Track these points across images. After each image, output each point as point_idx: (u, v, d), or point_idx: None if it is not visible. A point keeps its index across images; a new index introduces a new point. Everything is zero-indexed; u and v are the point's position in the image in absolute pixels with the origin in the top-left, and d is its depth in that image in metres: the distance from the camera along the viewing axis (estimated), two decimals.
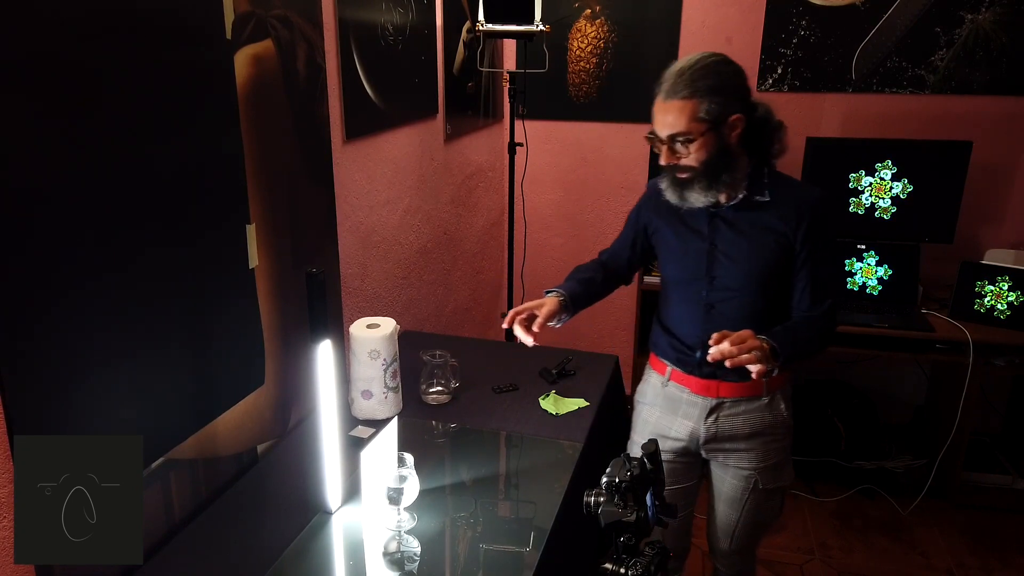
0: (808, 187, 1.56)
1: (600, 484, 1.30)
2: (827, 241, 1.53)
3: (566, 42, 3.27)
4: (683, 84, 1.42)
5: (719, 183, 1.48)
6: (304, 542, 1.39)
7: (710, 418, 1.63)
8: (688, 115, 1.42)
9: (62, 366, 1.15)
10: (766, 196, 1.51)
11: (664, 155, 1.48)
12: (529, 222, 3.39)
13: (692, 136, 1.44)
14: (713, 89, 1.41)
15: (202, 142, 1.42)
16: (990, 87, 2.91)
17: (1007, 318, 2.65)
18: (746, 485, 1.66)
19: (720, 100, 1.42)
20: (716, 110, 1.42)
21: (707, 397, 1.63)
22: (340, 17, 1.90)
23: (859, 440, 2.99)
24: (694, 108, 1.42)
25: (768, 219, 1.51)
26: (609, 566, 1.25)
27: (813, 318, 1.54)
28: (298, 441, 1.74)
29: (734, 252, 1.54)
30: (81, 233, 1.16)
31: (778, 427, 1.63)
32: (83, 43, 1.14)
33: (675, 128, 1.44)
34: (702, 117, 1.42)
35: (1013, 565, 2.57)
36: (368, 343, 1.73)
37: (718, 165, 1.46)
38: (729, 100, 1.43)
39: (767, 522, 1.73)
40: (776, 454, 1.64)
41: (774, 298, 1.56)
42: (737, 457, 1.65)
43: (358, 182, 2.09)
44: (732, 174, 1.48)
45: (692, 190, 1.49)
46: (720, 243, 1.55)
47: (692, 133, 1.43)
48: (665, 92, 1.44)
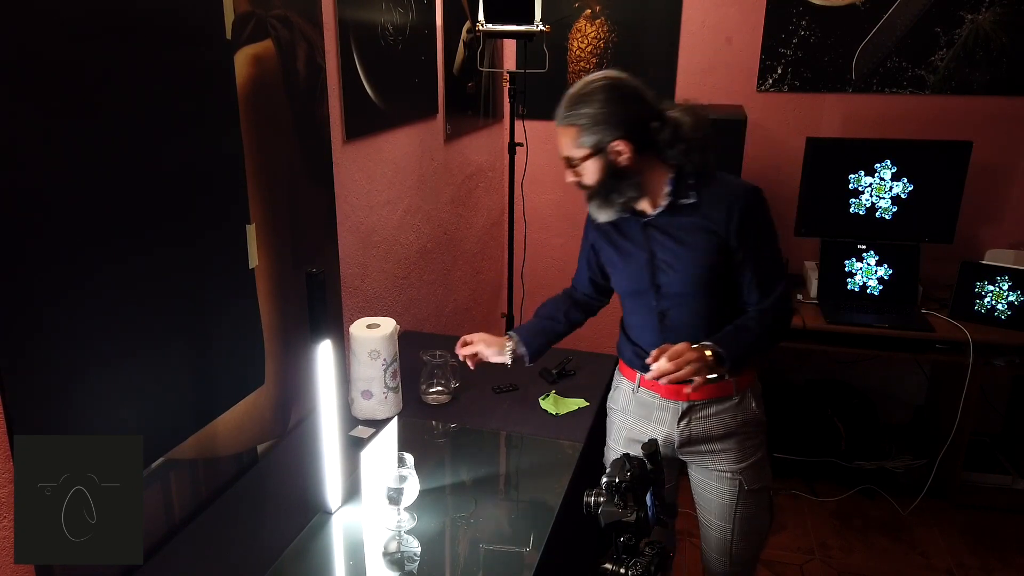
0: (737, 182, 1.55)
1: (600, 484, 1.30)
2: (762, 231, 1.52)
3: (566, 42, 3.27)
4: (564, 111, 1.47)
5: (611, 203, 1.52)
6: (304, 542, 1.39)
7: (682, 422, 1.62)
8: (569, 141, 1.49)
9: (62, 366, 1.15)
10: (691, 198, 1.51)
11: (567, 172, 1.55)
12: (529, 222, 3.38)
13: (575, 161, 1.50)
14: (591, 118, 1.44)
15: (202, 142, 1.42)
16: (990, 87, 2.91)
17: (1007, 318, 2.65)
18: (732, 488, 1.64)
19: (598, 129, 1.45)
20: (592, 140, 1.46)
21: (677, 401, 1.62)
22: (340, 17, 1.90)
23: (859, 440, 2.99)
24: (573, 135, 1.47)
25: (698, 220, 1.51)
26: (609, 566, 1.25)
27: (764, 309, 1.54)
28: (298, 441, 1.74)
29: (672, 259, 1.54)
30: (81, 233, 1.16)
31: (751, 425, 1.62)
32: (83, 43, 1.14)
33: (562, 152, 1.51)
34: (582, 143, 1.47)
35: (1013, 565, 2.57)
36: (368, 343, 1.73)
37: (609, 186, 1.50)
38: (608, 128, 1.44)
39: (760, 532, 1.70)
40: (754, 451, 1.63)
41: (724, 296, 1.56)
42: (715, 459, 1.64)
43: (358, 182, 2.09)
44: (626, 192, 1.51)
45: (592, 204, 1.55)
46: (658, 251, 1.56)
47: (575, 159, 1.50)
48: (557, 117, 1.49)
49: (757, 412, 1.62)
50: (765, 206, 1.53)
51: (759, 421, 1.64)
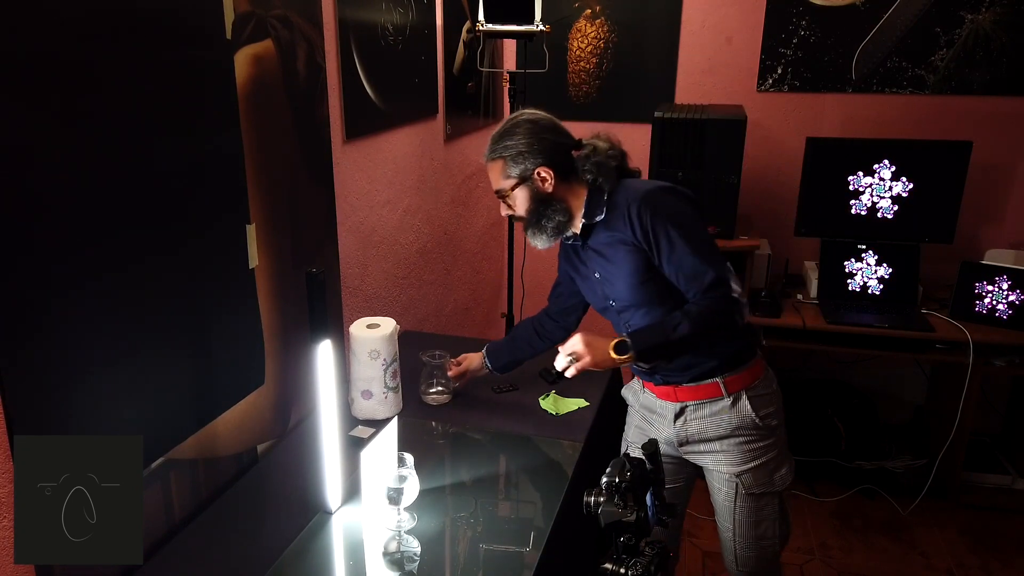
0: (636, 187, 1.57)
1: (600, 484, 1.30)
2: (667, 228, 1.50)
3: (566, 42, 3.27)
4: (490, 148, 1.60)
5: (543, 228, 1.60)
6: (304, 542, 1.39)
7: (678, 421, 1.66)
8: (497, 174, 1.60)
9: (62, 366, 1.15)
10: (601, 214, 1.58)
11: (501, 206, 1.66)
12: None
13: (505, 192, 1.61)
14: (514, 149, 1.56)
15: (202, 142, 1.42)
16: (990, 87, 2.91)
17: (1007, 318, 2.65)
18: (731, 489, 1.64)
19: (521, 158, 1.56)
20: (518, 169, 1.57)
21: (670, 402, 1.67)
22: (340, 17, 1.90)
23: (859, 440, 2.99)
24: (501, 168, 1.59)
25: (613, 234, 1.57)
26: (609, 566, 1.25)
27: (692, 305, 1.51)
28: (298, 441, 1.74)
29: (608, 274, 1.61)
30: (81, 233, 1.16)
31: (749, 428, 1.60)
32: (83, 43, 1.14)
33: (495, 185, 1.62)
34: (509, 174, 1.58)
35: (1013, 565, 2.57)
36: (368, 343, 1.73)
37: (539, 212, 1.59)
38: (531, 157, 1.56)
39: (769, 538, 1.68)
40: (756, 456, 1.62)
41: (675, 297, 1.55)
42: (715, 459, 1.65)
43: (358, 182, 2.09)
44: (554, 217, 1.59)
45: (529, 235, 1.64)
46: (598, 270, 1.64)
47: (504, 189, 1.60)
48: (485, 155, 1.62)
49: (754, 417, 1.60)
50: (667, 202, 1.53)
51: (759, 426, 1.60)
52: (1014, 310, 2.64)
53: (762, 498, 1.64)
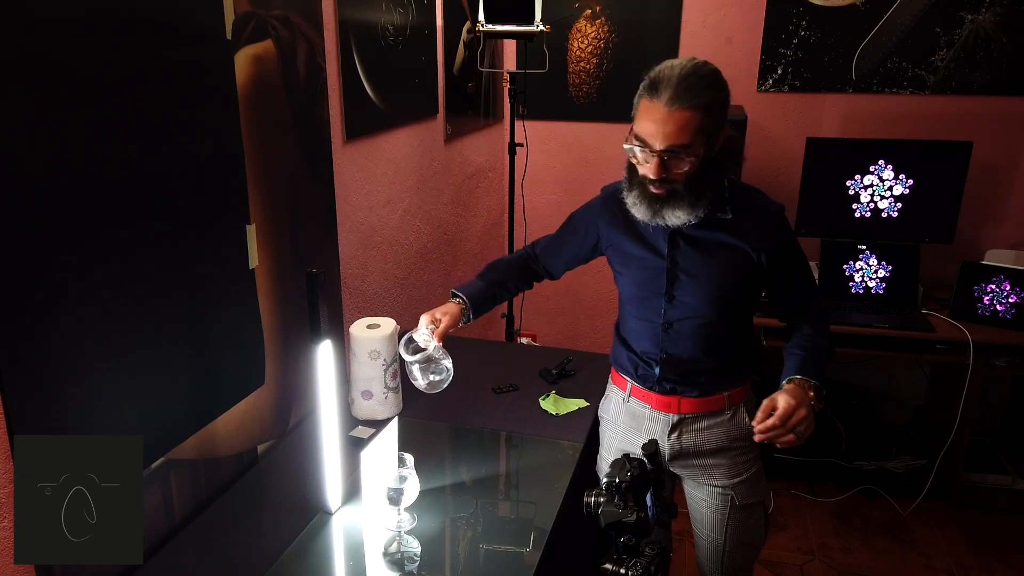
0: (767, 201, 1.51)
1: (600, 484, 1.30)
2: (796, 247, 1.54)
3: (566, 42, 3.27)
4: (693, 92, 1.30)
5: (702, 200, 1.40)
6: (304, 542, 1.39)
7: (673, 434, 1.59)
8: (695, 127, 1.31)
9: (62, 366, 1.15)
10: (728, 213, 1.46)
11: (654, 168, 1.36)
12: (529, 222, 3.38)
13: (694, 150, 1.34)
14: (720, 102, 1.35)
15: (202, 142, 1.42)
16: (990, 87, 2.91)
17: (1007, 318, 2.65)
18: (723, 504, 1.61)
19: (721, 114, 1.35)
20: (714, 124, 1.34)
21: (668, 413, 1.59)
22: (340, 17, 1.90)
23: (859, 440, 2.99)
24: (701, 120, 1.31)
25: (729, 237, 1.46)
26: (609, 566, 1.25)
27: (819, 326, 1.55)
28: (298, 441, 1.74)
29: (695, 271, 1.48)
30: (81, 233, 1.16)
31: (744, 440, 1.59)
32: (83, 43, 1.14)
33: (678, 140, 1.32)
34: (704, 129, 1.33)
35: (1013, 565, 2.57)
36: (368, 343, 1.73)
37: (702, 181, 1.38)
38: (723, 114, 1.37)
39: (754, 543, 1.67)
40: (747, 467, 1.60)
41: (731, 316, 1.53)
42: (707, 473, 1.61)
43: (358, 182, 2.09)
44: (714, 191, 1.42)
45: (671, 207, 1.41)
46: (681, 261, 1.49)
47: (694, 146, 1.33)
48: (669, 99, 1.31)
49: (750, 428, 1.54)
50: (790, 225, 1.55)
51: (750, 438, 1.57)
52: (1014, 310, 2.64)
53: (751, 508, 1.63)
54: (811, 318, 1.56)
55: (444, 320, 1.57)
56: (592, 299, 3.54)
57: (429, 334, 1.53)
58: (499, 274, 1.74)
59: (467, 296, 1.66)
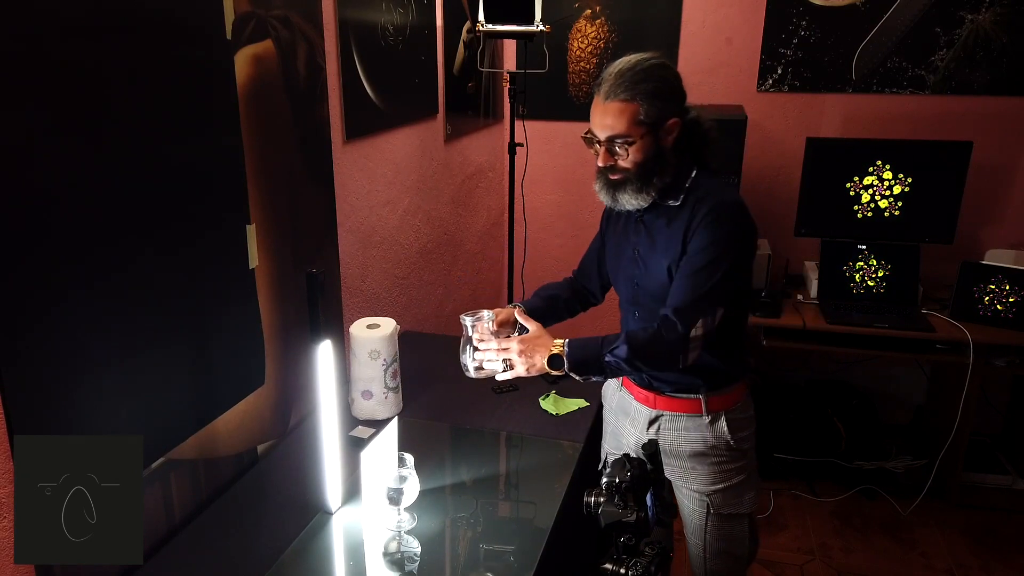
0: (721, 193, 1.47)
1: (600, 484, 1.30)
2: (712, 242, 1.42)
3: (566, 42, 3.27)
4: (624, 86, 1.40)
5: (650, 186, 1.46)
6: (304, 542, 1.39)
7: (652, 428, 1.62)
8: (628, 118, 1.41)
9: (62, 366, 1.15)
10: (678, 201, 1.48)
11: (601, 156, 1.46)
12: (529, 222, 3.38)
13: (631, 139, 1.42)
14: (653, 93, 1.40)
15: (202, 142, 1.42)
16: (990, 87, 2.91)
17: (1007, 318, 2.65)
18: (702, 509, 1.61)
19: (659, 104, 1.41)
20: (654, 113, 1.41)
21: (647, 407, 1.62)
22: (340, 17, 1.90)
23: (859, 440, 2.99)
24: (634, 111, 1.40)
25: (677, 224, 1.48)
26: (609, 566, 1.25)
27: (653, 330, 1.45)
28: (298, 441, 1.74)
29: (646, 255, 1.54)
30: (81, 233, 1.16)
31: (723, 450, 1.57)
32: (83, 43, 1.14)
33: (614, 130, 1.42)
34: (641, 120, 1.41)
35: (1013, 565, 2.57)
36: (368, 343, 1.73)
37: (651, 168, 1.45)
38: (667, 104, 1.42)
39: (737, 554, 1.66)
40: (727, 477, 1.59)
41: None
42: (685, 476, 1.61)
43: (358, 182, 2.09)
44: (663, 177, 1.47)
45: (624, 192, 1.48)
46: (640, 247, 1.55)
47: (631, 136, 1.42)
48: (605, 93, 1.42)
49: (729, 439, 1.57)
50: (731, 224, 1.44)
51: (736, 449, 1.58)
52: (1014, 310, 2.64)
53: (732, 519, 1.62)
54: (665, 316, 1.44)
55: (501, 314, 1.65)
56: None
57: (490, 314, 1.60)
58: (550, 290, 1.81)
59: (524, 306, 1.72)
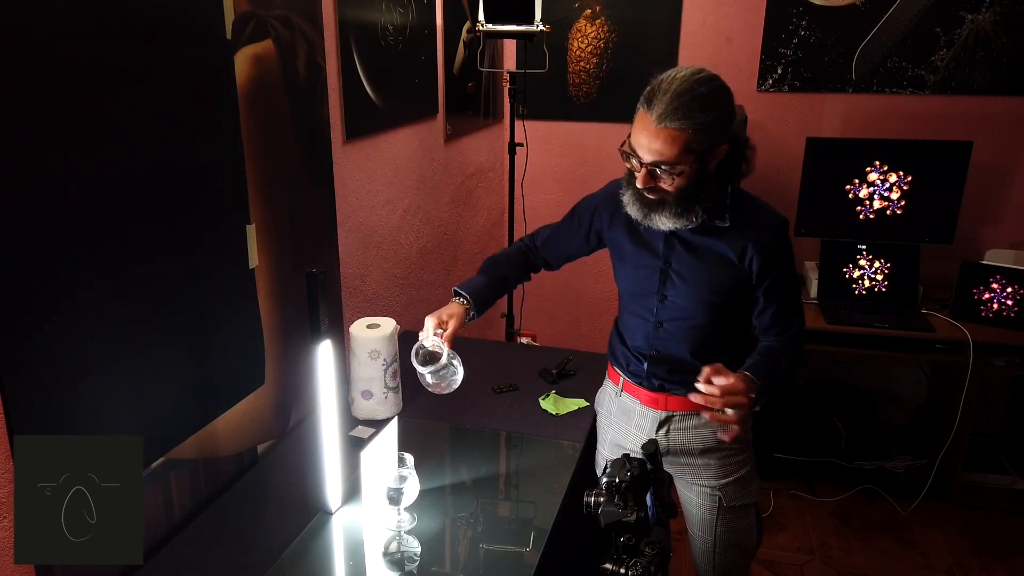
0: (768, 212, 1.50)
1: (600, 484, 1.30)
2: (787, 266, 1.50)
3: (566, 42, 3.27)
4: (681, 113, 1.30)
5: (692, 211, 1.41)
6: (304, 542, 1.39)
7: (660, 431, 1.61)
8: (680, 146, 1.32)
9: (62, 366, 1.15)
10: (726, 222, 1.45)
11: (641, 178, 1.38)
12: (529, 222, 3.38)
13: (680, 167, 1.35)
14: (711, 123, 1.33)
15: (202, 142, 1.42)
16: (990, 87, 2.91)
17: (1007, 318, 2.65)
18: (712, 504, 1.62)
19: (714, 133, 1.34)
20: (707, 142, 1.34)
21: (656, 410, 1.61)
22: (340, 17, 1.90)
23: (859, 440, 2.99)
24: (688, 140, 1.32)
25: (724, 245, 1.46)
26: (609, 566, 1.25)
27: (788, 346, 1.51)
28: (298, 441, 1.74)
29: (687, 273, 1.50)
30: (81, 233, 1.16)
31: (734, 442, 1.57)
32: (83, 43, 1.14)
33: (663, 156, 1.33)
34: (693, 149, 1.33)
35: (1013, 565, 2.57)
36: (368, 343, 1.73)
37: (694, 194, 1.39)
38: (722, 132, 1.36)
39: (745, 545, 1.67)
40: (737, 469, 1.60)
41: (724, 321, 1.53)
42: (695, 473, 1.62)
43: (358, 182, 2.09)
44: (704, 202, 1.42)
45: (661, 213, 1.42)
46: (675, 263, 1.50)
47: (680, 164, 1.34)
48: (658, 115, 1.32)
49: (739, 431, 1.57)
50: (790, 239, 1.51)
51: (740, 440, 1.57)
52: (1014, 310, 2.64)
53: (741, 510, 1.62)
54: (784, 340, 1.52)
55: (451, 323, 1.57)
56: (592, 299, 3.54)
57: (440, 341, 1.51)
58: (501, 269, 1.75)
59: (470, 294, 1.65)
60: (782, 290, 1.50)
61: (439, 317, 1.58)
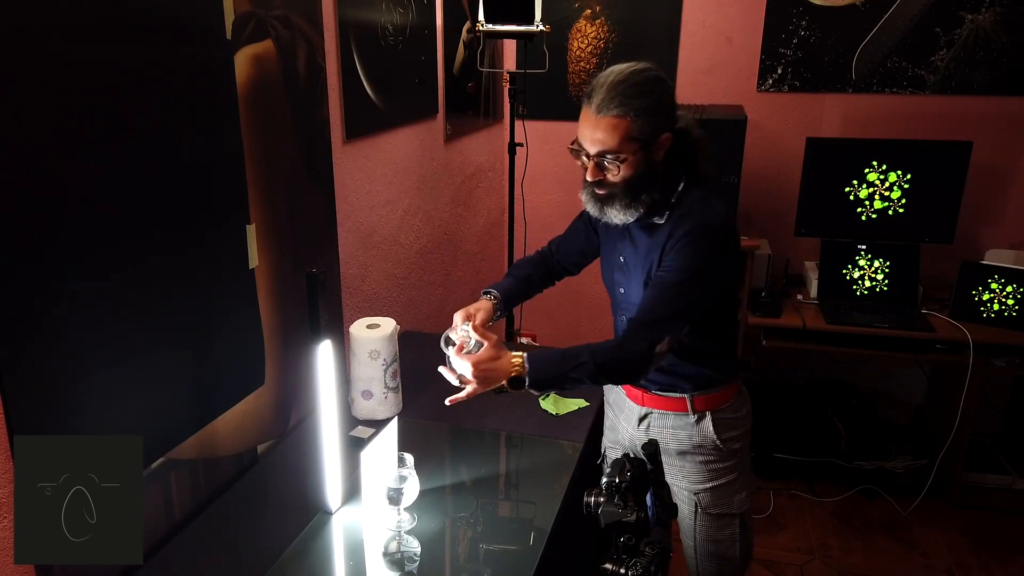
0: (700, 213, 1.43)
1: (600, 484, 1.30)
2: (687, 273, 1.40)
3: (566, 42, 3.27)
4: (617, 100, 1.35)
5: (638, 202, 1.42)
6: (304, 542, 1.39)
7: (641, 425, 1.64)
8: (620, 134, 1.35)
9: (62, 366, 1.15)
10: (662, 219, 1.45)
11: (590, 171, 1.41)
12: (529, 222, 3.38)
13: (623, 155, 1.37)
14: (647, 109, 1.35)
15: (202, 142, 1.42)
16: (990, 87, 2.91)
17: (1007, 318, 2.65)
18: (689, 507, 1.62)
19: (653, 120, 1.36)
20: (648, 130, 1.36)
21: (637, 404, 1.64)
22: (340, 17, 1.90)
23: (859, 440, 2.99)
24: (627, 127, 1.35)
25: (656, 238, 1.46)
26: (609, 566, 1.25)
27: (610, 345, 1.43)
28: (298, 441, 1.74)
29: (632, 266, 1.53)
30: (81, 233, 1.16)
31: (709, 449, 1.57)
32: (82, 44, 1.14)
33: (605, 145, 1.37)
34: (634, 136, 1.36)
35: (1013, 565, 2.57)
36: (368, 343, 1.73)
37: (640, 184, 1.41)
38: (661, 119, 1.38)
39: (727, 557, 1.64)
40: (717, 476, 1.59)
41: None
42: (673, 473, 1.62)
43: (358, 182, 2.09)
44: (651, 193, 1.43)
45: (612, 207, 1.44)
46: (626, 256, 1.55)
47: (623, 152, 1.37)
48: (596, 106, 1.36)
49: (715, 439, 1.56)
50: (710, 248, 1.42)
51: (724, 450, 1.57)
52: (1014, 310, 2.64)
53: (721, 519, 1.62)
54: (617, 340, 1.46)
55: (479, 315, 1.58)
56: (592, 299, 3.54)
57: (468, 330, 1.52)
58: (523, 269, 1.80)
59: (498, 291, 1.69)
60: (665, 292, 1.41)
61: (467, 311, 1.59)
